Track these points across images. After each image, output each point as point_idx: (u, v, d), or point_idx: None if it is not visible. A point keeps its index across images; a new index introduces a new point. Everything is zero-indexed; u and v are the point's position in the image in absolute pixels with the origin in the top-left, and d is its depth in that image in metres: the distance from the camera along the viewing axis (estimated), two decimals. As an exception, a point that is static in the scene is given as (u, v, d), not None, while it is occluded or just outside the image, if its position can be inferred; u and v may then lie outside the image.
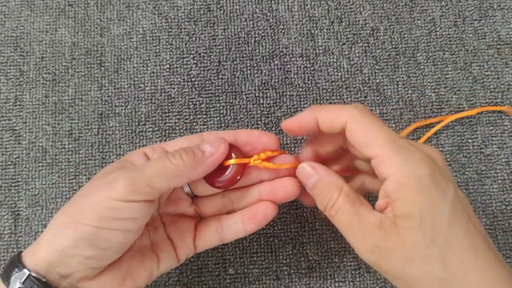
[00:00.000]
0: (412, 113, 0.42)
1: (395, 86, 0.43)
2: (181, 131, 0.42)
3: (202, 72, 0.44)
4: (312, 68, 0.44)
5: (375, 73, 0.43)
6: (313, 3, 0.45)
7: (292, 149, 0.42)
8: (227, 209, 0.33)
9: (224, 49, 0.44)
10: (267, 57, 0.44)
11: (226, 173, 0.31)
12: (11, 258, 0.28)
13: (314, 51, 0.44)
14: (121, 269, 0.29)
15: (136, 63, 0.44)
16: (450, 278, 0.25)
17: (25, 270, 0.26)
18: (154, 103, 0.43)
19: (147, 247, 0.31)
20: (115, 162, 0.31)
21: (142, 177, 0.27)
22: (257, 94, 0.43)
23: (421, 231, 0.25)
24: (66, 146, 0.42)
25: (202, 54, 0.44)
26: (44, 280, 0.26)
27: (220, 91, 0.43)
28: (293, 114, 0.42)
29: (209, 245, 0.32)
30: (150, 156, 0.31)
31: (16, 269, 0.26)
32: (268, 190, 0.32)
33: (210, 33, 0.45)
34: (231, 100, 0.43)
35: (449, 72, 0.43)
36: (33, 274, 0.26)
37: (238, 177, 0.31)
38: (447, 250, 0.25)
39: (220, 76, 0.43)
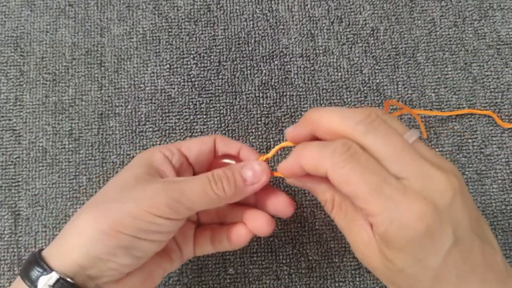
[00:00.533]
0: (412, 113, 0.42)
1: (395, 86, 0.43)
2: (181, 131, 0.42)
3: (202, 72, 0.44)
4: (312, 68, 0.44)
5: (375, 73, 0.43)
6: (313, 3, 0.45)
7: (292, 149, 0.42)
8: (220, 219, 0.34)
9: (224, 49, 0.44)
10: (267, 57, 0.44)
11: None
12: (32, 257, 0.27)
13: (314, 51, 0.44)
14: (143, 271, 0.30)
15: (136, 63, 0.44)
16: None
17: (54, 273, 0.26)
18: (154, 103, 0.43)
19: (163, 249, 0.32)
20: (137, 160, 0.31)
21: (185, 200, 0.28)
22: (257, 94, 0.43)
23: (401, 278, 0.25)
24: (66, 146, 0.42)
25: (202, 54, 0.44)
26: (73, 282, 0.26)
27: (220, 91, 0.43)
28: (293, 114, 0.42)
29: (205, 252, 0.34)
30: (170, 158, 0.31)
31: (39, 269, 0.26)
32: (248, 218, 0.32)
33: (210, 33, 0.45)
34: (231, 100, 0.43)
35: (449, 72, 0.43)
36: (62, 277, 0.26)
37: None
38: None
39: (220, 76, 0.43)
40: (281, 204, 0.31)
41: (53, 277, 0.26)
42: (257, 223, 0.31)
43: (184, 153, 0.32)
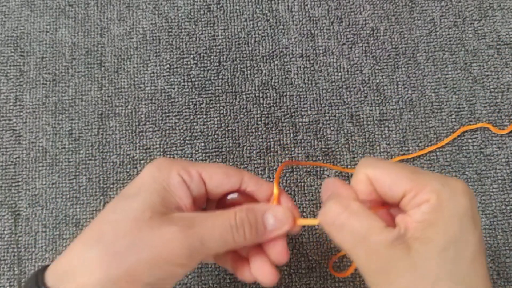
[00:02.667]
0: (412, 113, 0.42)
1: (395, 86, 0.43)
2: (181, 131, 0.42)
3: (202, 72, 0.44)
4: (312, 68, 0.44)
5: (375, 73, 0.43)
6: (313, 3, 0.45)
7: (292, 149, 0.42)
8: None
9: (224, 49, 0.44)
10: (267, 57, 0.44)
11: None
12: (34, 280, 0.26)
13: (314, 51, 0.44)
14: None
15: (136, 63, 0.44)
16: None
17: None
18: (154, 103, 0.43)
19: None
20: (152, 179, 0.28)
21: (204, 248, 0.26)
22: (257, 94, 0.43)
23: (440, 260, 0.23)
24: (66, 146, 0.42)
25: (202, 54, 0.44)
26: None
27: (220, 91, 0.43)
28: (293, 114, 0.42)
29: (206, 261, 0.33)
30: (188, 183, 0.28)
31: None
32: (254, 258, 0.30)
33: (210, 33, 0.45)
34: (231, 100, 0.43)
35: (449, 72, 0.43)
36: None
37: None
38: (464, 286, 0.23)
39: (220, 76, 0.43)
40: (278, 253, 0.29)
41: None
42: (261, 273, 0.29)
43: (204, 180, 0.29)
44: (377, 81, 0.43)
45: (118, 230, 0.26)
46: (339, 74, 0.43)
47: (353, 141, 0.42)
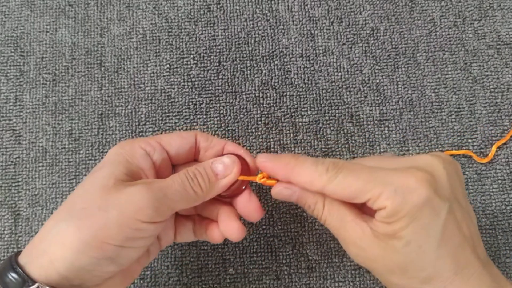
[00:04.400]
0: (412, 113, 0.42)
1: (395, 86, 0.43)
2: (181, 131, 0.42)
3: (202, 72, 0.44)
4: (312, 68, 0.44)
5: (375, 73, 0.43)
6: (313, 3, 0.45)
7: (292, 149, 0.42)
8: (197, 212, 0.34)
9: (224, 49, 0.44)
10: (267, 57, 0.44)
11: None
12: (8, 265, 0.26)
13: (314, 51, 0.44)
14: (123, 271, 0.29)
15: (136, 63, 0.44)
16: None
17: (37, 285, 0.25)
18: (154, 103, 0.43)
19: None
20: (115, 155, 0.30)
21: (168, 201, 0.28)
22: (257, 94, 0.43)
23: (405, 253, 0.26)
24: (66, 146, 0.42)
25: (202, 54, 0.44)
26: None
27: (220, 91, 0.43)
28: (293, 114, 0.42)
29: (186, 240, 0.34)
30: (151, 153, 0.31)
31: (18, 279, 0.25)
32: (221, 220, 0.32)
33: (210, 33, 0.45)
34: (231, 100, 0.43)
35: (449, 72, 0.43)
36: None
37: (243, 187, 0.32)
38: (430, 271, 0.26)
39: (220, 76, 0.43)
40: (251, 208, 0.32)
41: None
42: (228, 228, 0.31)
43: (164, 148, 0.32)
44: (377, 81, 0.43)
45: (86, 199, 0.27)
46: (339, 74, 0.43)
47: (353, 141, 0.42)
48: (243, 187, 0.32)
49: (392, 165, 0.27)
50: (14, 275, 0.26)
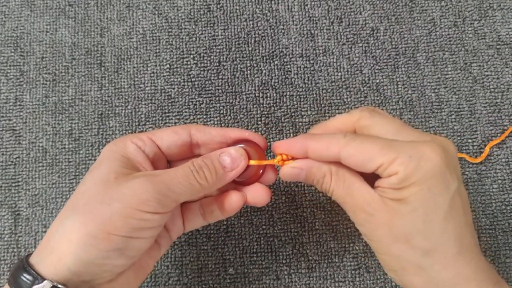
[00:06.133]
0: (412, 113, 0.42)
1: (395, 86, 0.43)
2: (181, 131, 0.42)
3: (202, 72, 0.44)
4: (312, 68, 0.44)
5: (375, 73, 0.43)
6: (313, 3, 0.45)
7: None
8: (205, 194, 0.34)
9: (224, 49, 0.44)
10: (267, 57, 0.44)
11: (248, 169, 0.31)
12: (20, 265, 0.27)
13: (314, 51, 0.44)
14: (135, 266, 0.30)
15: (136, 63, 0.44)
16: (428, 267, 0.26)
17: (46, 282, 0.26)
18: (154, 103, 0.43)
19: None
20: (109, 152, 0.30)
21: (171, 193, 0.28)
22: (257, 94, 0.43)
23: (411, 219, 0.26)
24: (66, 146, 0.42)
25: (202, 54, 0.44)
26: None
27: (220, 91, 0.43)
28: (293, 114, 0.43)
29: (196, 226, 0.34)
30: (142, 148, 0.31)
31: (29, 278, 0.26)
32: (246, 189, 0.33)
33: (210, 33, 0.45)
34: (231, 100, 0.43)
35: (449, 72, 0.43)
36: (55, 285, 0.26)
37: (261, 171, 0.32)
38: (435, 243, 0.26)
39: (220, 76, 0.43)
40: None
41: (45, 286, 0.26)
42: (256, 194, 0.32)
43: (156, 143, 0.32)
44: (377, 81, 0.43)
45: (88, 195, 0.28)
46: (339, 74, 0.43)
47: (353, 141, 0.42)
48: (260, 171, 0.32)
49: (408, 139, 0.28)
50: (26, 275, 0.26)
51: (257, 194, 0.32)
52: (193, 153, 0.33)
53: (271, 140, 0.42)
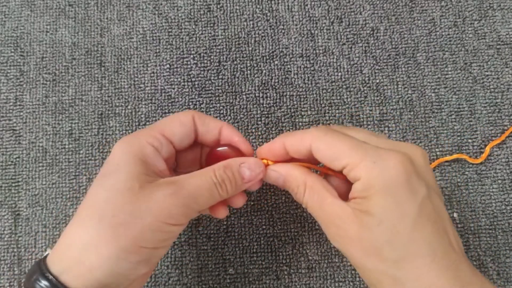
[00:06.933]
0: (412, 113, 0.42)
1: (395, 86, 0.43)
2: (181, 131, 0.42)
3: (202, 72, 0.44)
4: (312, 68, 0.44)
5: (375, 73, 0.43)
6: (313, 3, 0.45)
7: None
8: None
9: (224, 49, 0.44)
10: (267, 57, 0.44)
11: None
12: (38, 271, 0.26)
13: (314, 51, 0.44)
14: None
15: (136, 63, 0.44)
16: (403, 279, 0.26)
17: None
18: (154, 103, 0.43)
19: None
20: (126, 155, 0.29)
21: (195, 205, 0.29)
22: (257, 94, 0.43)
23: (379, 232, 0.26)
24: (66, 146, 0.42)
25: (202, 54, 0.44)
26: None
27: (220, 91, 0.43)
28: (293, 114, 0.43)
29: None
30: (159, 149, 0.30)
31: (45, 284, 0.26)
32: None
33: (210, 33, 0.45)
34: (231, 100, 0.43)
35: (449, 72, 0.43)
36: None
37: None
38: (404, 253, 0.25)
39: (220, 76, 0.43)
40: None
41: None
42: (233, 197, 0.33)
43: (169, 139, 0.31)
44: (377, 81, 0.43)
45: (114, 204, 0.27)
46: (339, 74, 0.43)
47: (353, 141, 0.42)
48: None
49: (378, 144, 0.28)
50: (46, 282, 0.26)
51: (235, 198, 0.33)
52: (196, 141, 0.33)
53: (271, 139, 0.42)
